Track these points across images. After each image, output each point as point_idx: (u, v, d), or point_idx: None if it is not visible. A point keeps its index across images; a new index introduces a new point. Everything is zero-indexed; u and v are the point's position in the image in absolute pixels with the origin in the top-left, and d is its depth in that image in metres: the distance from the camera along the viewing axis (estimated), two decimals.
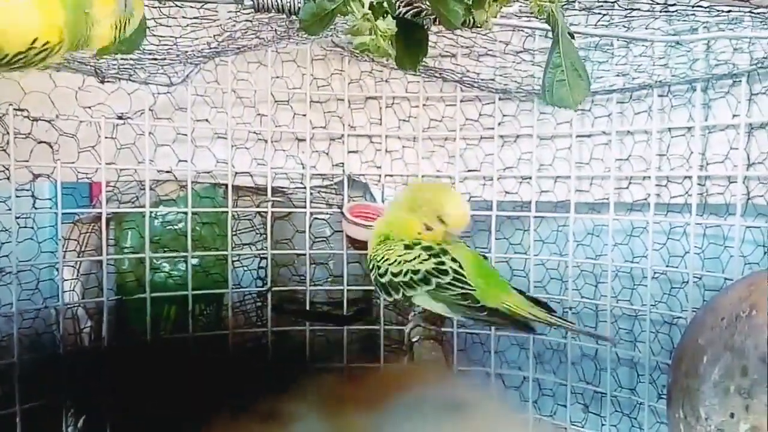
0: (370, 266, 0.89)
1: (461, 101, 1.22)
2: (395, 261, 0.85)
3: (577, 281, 1.17)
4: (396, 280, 0.84)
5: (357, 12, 0.51)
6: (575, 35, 0.98)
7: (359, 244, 1.25)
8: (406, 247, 0.86)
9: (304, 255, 1.23)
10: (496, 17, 0.59)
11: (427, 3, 0.58)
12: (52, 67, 1.02)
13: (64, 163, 1.08)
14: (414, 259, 0.84)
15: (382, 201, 1.25)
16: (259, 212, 1.24)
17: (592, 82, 1.06)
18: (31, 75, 1.03)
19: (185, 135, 1.16)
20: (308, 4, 0.57)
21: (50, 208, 1.08)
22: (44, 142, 1.07)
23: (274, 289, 1.23)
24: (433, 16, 0.60)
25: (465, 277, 0.83)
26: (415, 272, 0.83)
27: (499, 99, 1.20)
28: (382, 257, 0.87)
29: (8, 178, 1.03)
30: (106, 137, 1.10)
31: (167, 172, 1.17)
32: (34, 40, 0.44)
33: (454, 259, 0.84)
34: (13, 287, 1.02)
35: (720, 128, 1.02)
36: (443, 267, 0.83)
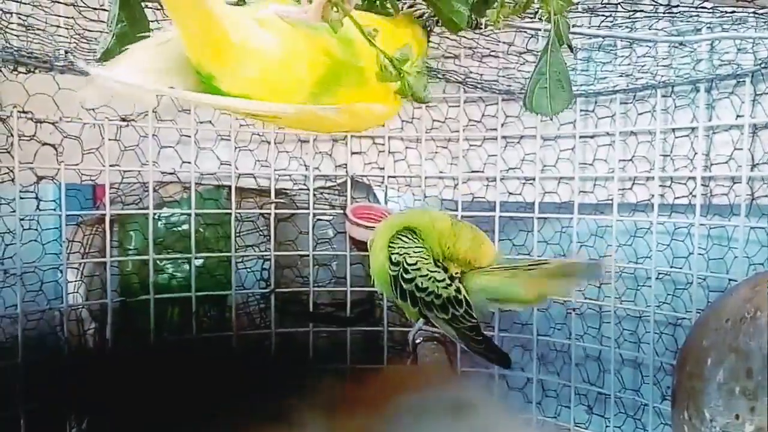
0: (391, 257, 0.87)
1: (464, 102, 1.22)
2: (426, 275, 0.85)
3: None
4: (418, 294, 0.85)
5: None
6: (578, 35, 0.99)
7: (362, 246, 1.25)
8: (436, 263, 0.86)
9: (308, 256, 1.23)
10: (507, 18, 0.58)
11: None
12: (56, 69, 1.02)
13: (67, 165, 1.08)
14: (442, 281, 0.85)
15: (386, 202, 1.25)
16: (262, 214, 1.24)
17: (595, 83, 1.07)
18: (34, 77, 1.04)
19: (189, 137, 1.16)
20: None
21: (54, 209, 1.08)
22: (48, 144, 1.07)
23: (277, 290, 1.23)
24: (436, 18, 0.59)
25: (472, 310, 0.85)
26: (438, 296, 0.84)
27: (503, 100, 1.20)
28: (415, 261, 0.86)
29: (12, 180, 1.03)
30: (109, 139, 1.10)
31: (171, 173, 1.17)
32: None
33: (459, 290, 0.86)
34: (17, 289, 1.02)
35: (724, 129, 1.02)
36: (459, 297, 0.84)
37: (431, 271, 0.85)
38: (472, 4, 0.56)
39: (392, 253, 0.87)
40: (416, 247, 0.87)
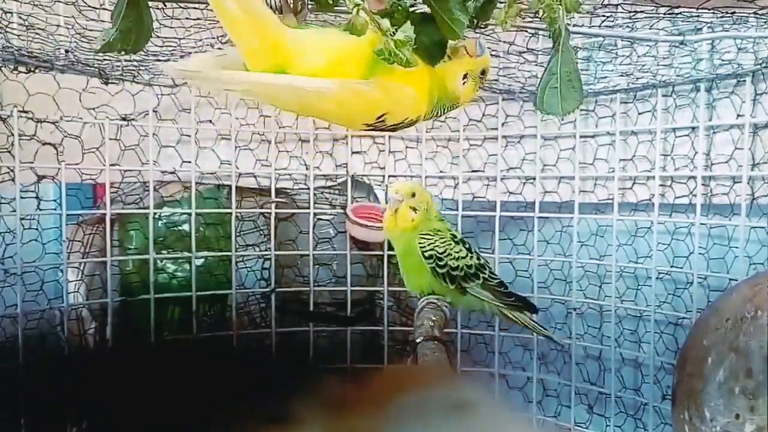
0: (426, 255, 0.99)
1: None
2: (454, 257, 0.99)
3: (582, 282, 1.17)
4: (454, 273, 0.99)
5: (348, 3, 0.50)
6: (579, 35, 0.99)
7: (363, 245, 1.25)
8: (455, 242, 1.00)
9: (308, 256, 1.23)
10: (514, 18, 0.58)
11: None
12: (56, 68, 1.02)
13: (68, 164, 1.08)
14: (466, 256, 1.00)
15: (386, 202, 1.25)
16: (262, 213, 1.24)
17: (595, 83, 1.07)
18: (35, 77, 1.04)
19: (189, 136, 1.16)
20: None
21: (54, 209, 1.08)
22: (49, 143, 1.07)
23: (277, 289, 1.23)
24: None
25: (493, 272, 1.02)
26: (469, 267, 0.99)
27: (503, 99, 1.20)
28: (444, 251, 0.99)
29: (13, 180, 1.03)
30: (110, 139, 1.11)
31: (171, 173, 1.17)
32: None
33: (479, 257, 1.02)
34: (17, 288, 1.02)
35: (724, 128, 1.02)
36: (481, 262, 1.01)
37: (456, 252, 0.99)
38: (475, 9, 0.56)
39: (423, 251, 0.99)
40: (438, 238, 0.99)
